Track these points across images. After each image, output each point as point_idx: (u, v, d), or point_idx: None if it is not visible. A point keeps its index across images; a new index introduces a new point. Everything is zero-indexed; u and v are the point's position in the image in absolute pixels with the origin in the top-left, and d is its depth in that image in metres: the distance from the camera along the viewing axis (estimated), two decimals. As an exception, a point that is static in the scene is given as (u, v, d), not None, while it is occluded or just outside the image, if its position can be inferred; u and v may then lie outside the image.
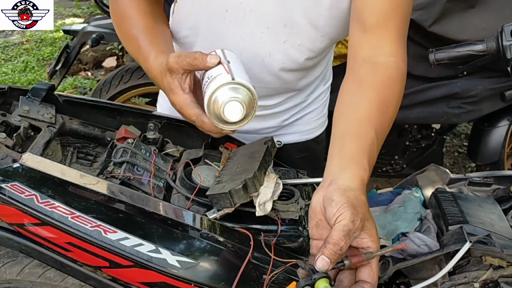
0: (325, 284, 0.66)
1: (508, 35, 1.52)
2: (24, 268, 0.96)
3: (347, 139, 0.80)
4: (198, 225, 0.86)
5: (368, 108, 0.83)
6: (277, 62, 1.04)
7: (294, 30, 0.99)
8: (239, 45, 1.01)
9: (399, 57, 0.90)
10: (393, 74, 0.89)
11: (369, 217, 0.71)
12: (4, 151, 0.90)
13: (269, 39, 1.00)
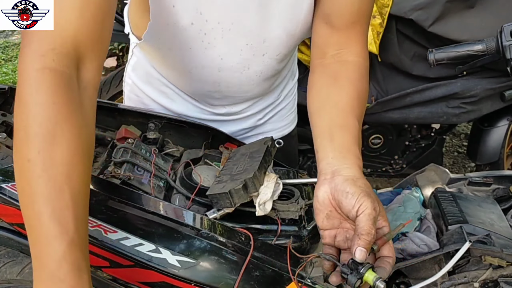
0: (373, 275, 0.71)
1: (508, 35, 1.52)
2: (24, 268, 0.96)
3: (336, 130, 0.83)
4: (198, 225, 0.86)
5: (350, 100, 0.87)
6: (255, 74, 1.06)
7: (274, 43, 1.00)
8: (218, 63, 1.01)
9: (364, 57, 0.95)
10: (361, 71, 0.93)
11: (379, 200, 0.76)
12: (5, 151, 0.90)
13: (248, 55, 1.01)
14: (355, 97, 0.88)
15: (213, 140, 1.14)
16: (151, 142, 1.07)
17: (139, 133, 1.08)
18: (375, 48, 2.00)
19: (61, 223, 0.61)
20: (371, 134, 2.30)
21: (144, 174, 0.96)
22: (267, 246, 0.88)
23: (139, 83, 1.20)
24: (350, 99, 0.87)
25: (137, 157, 0.98)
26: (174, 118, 1.13)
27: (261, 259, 0.85)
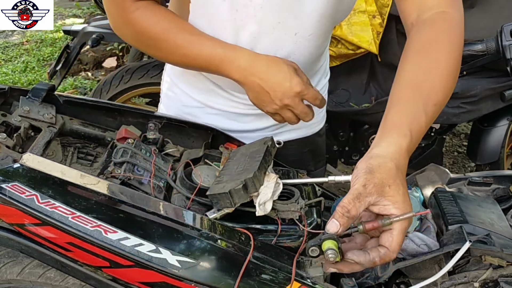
0: (329, 245, 0.67)
1: (508, 35, 1.52)
2: (24, 268, 0.96)
3: (391, 107, 0.80)
4: (198, 225, 0.86)
5: (411, 72, 0.82)
6: (287, 54, 1.05)
7: (305, 22, 1.00)
8: (251, 42, 1.01)
9: (447, 6, 0.88)
10: (439, 25, 0.86)
11: (393, 183, 0.69)
12: (5, 151, 0.90)
13: (280, 33, 1.01)
14: (420, 66, 0.82)
15: (213, 140, 1.14)
16: (151, 142, 1.07)
17: (139, 133, 1.08)
18: (375, 48, 2.00)
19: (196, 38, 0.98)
20: (371, 134, 2.30)
21: (144, 174, 0.96)
22: (267, 246, 0.88)
23: (176, 80, 1.21)
24: (412, 71, 0.82)
25: (137, 157, 0.98)
26: (174, 118, 1.13)
27: (261, 259, 0.85)
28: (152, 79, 2.46)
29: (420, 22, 0.88)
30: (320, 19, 1.01)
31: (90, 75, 4.12)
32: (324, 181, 0.98)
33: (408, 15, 0.91)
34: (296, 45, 1.04)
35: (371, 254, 0.71)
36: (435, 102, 0.81)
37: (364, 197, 0.68)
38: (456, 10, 0.88)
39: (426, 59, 0.83)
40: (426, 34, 0.85)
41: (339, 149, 2.34)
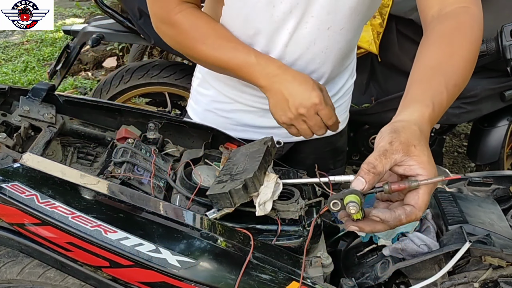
0: (351, 199, 0.66)
1: (508, 35, 1.52)
2: (24, 268, 0.96)
3: (412, 86, 0.82)
4: (198, 225, 0.86)
5: (435, 54, 0.84)
6: (320, 49, 1.07)
7: (337, 16, 1.02)
8: (285, 37, 1.04)
9: (469, 2, 0.90)
10: (461, 18, 0.88)
11: (418, 144, 0.68)
12: (5, 151, 0.90)
13: (313, 28, 1.03)
14: (443, 51, 0.84)
15: (213, 140, 1.14)
16: (151, 142, 1.07)
17: (139, 133, 1.08)
18: (375, 48, 2.00)
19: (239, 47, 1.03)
20: (372, 134, 2.30)
21: (144, 174, 0.96)
22: (267, 246, 0.88)
23: (208, 77, 1.23)
24: (436, 54, 0.84)
25: (137, 157, 0.98)
26: (174, 118, 1.13)
27: (261, 259, 0.85)
28: (152, 79, 2.46)
29: (443, 14, 0.90)
30: (352, 13, 1.03)
31: (90, 75, 4.12)
32: (324, 181, 0.98)
33: (429, 8, 0.92)
34: (329, 39, 1.06)
35: (396, 211, 0.69)
36: (455, 83, 0.82)
37: (390, 154, 0.67)
38: (477, 6, 0.90)
39: (449, 44, 0.85)
40: (449, 24, 0.87)
41: (339, 149, 2.34)
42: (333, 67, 1.15)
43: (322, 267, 0.89)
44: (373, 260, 1.00)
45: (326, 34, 1.05)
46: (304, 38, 1.05)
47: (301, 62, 1.09)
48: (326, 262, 0.90)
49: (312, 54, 1.08)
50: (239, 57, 1.01)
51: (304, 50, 1.07)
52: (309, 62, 1.10)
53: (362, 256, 1.02)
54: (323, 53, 1.08)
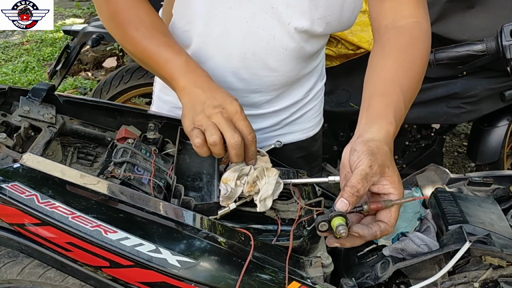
0: (340, 221, 0.71)
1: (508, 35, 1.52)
2: (24, 268, 0.96)
3: (374, 98, 0.85)
4: (198, 225, 0.86)
5: (393, 68, 0.88)
6: (281, 45, 1.04)
7: (296, 11, 0.99)
8: (243, 27, 1.01)
9: (421, 17, 0.94)
10: (415, 33, 0.93)
11: (390, 165, 0.76)
12: (5, 151, 0.90)
13: (273, 21, 1.00)
14: (401, 65, 0.88)
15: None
16: (151, 142, 1.07)
17: (139, 133, 1.08)
18: (375, 48, 2.00)
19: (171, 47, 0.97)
20: (371, 134, 2.30)
21: (144, 174, 0.96)
22: (267, 246, 0.88)
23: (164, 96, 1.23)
24: (393, 67, 0.88)
25: (137, 157, 0.98)
26: (174, 118, 1.13)
27: (261, 259, 0.85)
28: (152, 79, 2.43)
29: (397, 26, 0.94)
30: (311, 10, 1.00)
31: (90, 75, 4.12)
32: (324, 181, 0.98)
33: (383, 18, 0.97)
34: (289, 36, 1.03)
35: (373, 228, 0.75)
36: (410, 98, 0.89)
37: (370, 177, 0.73)
38: (427, 22, 0.96)
39: (405, 60, 0.90)
40: (405, 38, 0.93)
41: (339, 149, 2.34)
42: (295, 71, 1.12)
43: (322, 267, 0.89)
44: (373, 260, 1.00)
45: (286, 30, 1.01)
46: (263, 30, 1.01)
47: (261, 57, 1.05)
48: (326, 262, 0.90)
49: (272, 49, 1.04)
50: (168, 53, 0.95)
51: (264, 44, 1.03)
52: (268, 57, 1.05)
53: (362, 256, 1.02)
54: (284, 50, 1.04)
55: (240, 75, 1.09)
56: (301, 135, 1.29)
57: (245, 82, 1.11)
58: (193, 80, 0.93)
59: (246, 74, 1.09)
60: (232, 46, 1.04)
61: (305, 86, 1.21)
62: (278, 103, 1.19)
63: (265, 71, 1.09)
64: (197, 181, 0.99)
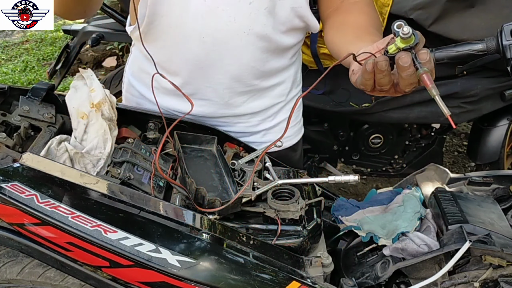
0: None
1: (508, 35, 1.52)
2: (24, 267, 0.96)
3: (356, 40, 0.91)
4: (198, 225, 0.86)
5: (366, 19, 0.99)
6: (243, 29, 1.00)
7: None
8: (200, 7, 0.98)
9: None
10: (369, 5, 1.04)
11: None
12: (4, 151, 0.90)
13: (233, 0, 0.98)
14: (372, 19, 0.99)
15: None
16: (151, 142, 1.07)
17: (139, 133, 1.08)
18: (375, 48, 2.00)
19: None
20: (371, 133, 2.30)
21: (144, 174, 0.96)
22: (267, 246, 0.88)
23: (133, 81, 1.20)
24: (368, 21, 0.98)
25: (137, 157, 0.98)
26: (174, 118, 1.13)
27: (261, 259, 0.85)
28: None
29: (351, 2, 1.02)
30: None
31: (90, 74, 4.11)
32: (324, 181, 0.98)
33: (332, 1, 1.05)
34: (251, 18, 1.00)
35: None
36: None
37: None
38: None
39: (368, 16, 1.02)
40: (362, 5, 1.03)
41: (339, 149, 2.34)
42: (261, 56, 1.07)
43: (322, 266, 0.89)
44: (373, 259, 1.00)
45: (248, 10, 0.98)
46: (222, 10, 0.98)
47: (221, 41, 1.01)
48: (326, 261, 0.90)
49: (233, 32, 1.00)
50: None
51: (224, 26, 0.99)
52: (229, 41, 1.02)
53: (362, 255, 1.02)
54: (245, 34, 1.00)
55: (201, 62, 1.05)
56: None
57: (206, 70, 1.07)
58: None
59: (206, 60, 1.05)
60: (191, 28, 1.00)
61: (276, 90, 1.17)
62: (249, 105, 1.15)
63: (227, 58, 1.04)
64: (210, 181, 0.98)
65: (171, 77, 1.05)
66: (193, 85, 1.09)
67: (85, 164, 0.95)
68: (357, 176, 0.95)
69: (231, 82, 1.09)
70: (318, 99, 2.12)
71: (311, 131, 2.21)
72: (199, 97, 1.11)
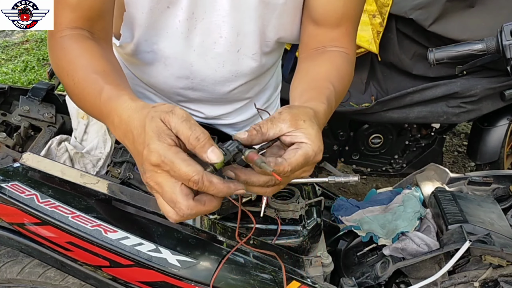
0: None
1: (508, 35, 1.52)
2: (24, 267, 0.96)
3: (306, 91, 0.84)
4: (198, 225, 0.86)
5: (327, 71, 0.90)
6: (230, 73, 1.03)
7: (248, 39, 0.98)
8: (191, 56, 0.99)
9: (349, 50, 0.97)
10: (344, 57, 0.95)
11: (307, 119, 0.69)
12: (5, 150, 0.90)
13: (222, 49, 0.99)
14: (334, 69, 0.90)
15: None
16: (151, 142, 1.07)
17: (139, 132, 1.08)
18: (375, 48, 2.00)
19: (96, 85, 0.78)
20: (371, 133, 2.30)
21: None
22: (267, 246, 0.88)
23: None
24: (327, 70, 0.90)
25: (137, 156, 0.98)
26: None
27: (261, 259, 0.85)
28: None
29: (328, 51, 0.96)
30: (261, 38, 0.99)
31: (90, 74, 4.11)
32: (324, 181, 0.98)
33: (315, 42, 0.98)
34: (239, 63, 1.02)
35: (268, 158, 0.67)
36: (339, 99, 0.90)
37: (277, 121, 0.68)
38: (354, 55, 0.99)
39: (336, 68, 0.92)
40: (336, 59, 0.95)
41: (339, 149, 2.34)
42: (248, 86, 1.10)
43: (322, 266, 0.89)
44: (373, 259, 1.00)
45: (236, 57, 1.00)
46: (212, 58, 0.99)
47: (209, 83, 1.04)
48: (326, 261, 0.90)
49: (220, 76, 1.02)
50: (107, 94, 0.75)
51: (212, 71, 1.01)
52: (216, 83, 1.04)
53: (362, 255, 1.02)
54: (233, 76, 1.03)
55: (186, 91, 1.07)
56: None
57: (192, 93, 1.08)
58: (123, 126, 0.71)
59: (192, 90, 1.07)
60: (179, 70, 1.02)
61: (258, 101, 1.19)
62: (230, 118, 1.17)
63: (214, 94, 1.07)
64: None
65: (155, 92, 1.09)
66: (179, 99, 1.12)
67: (85, 164, 0.95)
68: (358, 177, 0.96)
69: (220, 102, 1.12)
70: (318, 99, 2.11)
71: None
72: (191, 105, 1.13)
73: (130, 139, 0.68)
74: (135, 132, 0.67)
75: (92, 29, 0.87)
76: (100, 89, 0.75)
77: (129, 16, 0.94)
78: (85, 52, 0.83)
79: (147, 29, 0.95)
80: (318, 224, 0.94)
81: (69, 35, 0.84)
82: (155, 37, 0.97)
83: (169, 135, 0.64)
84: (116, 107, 0.71)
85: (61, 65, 0.84)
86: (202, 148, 0.63)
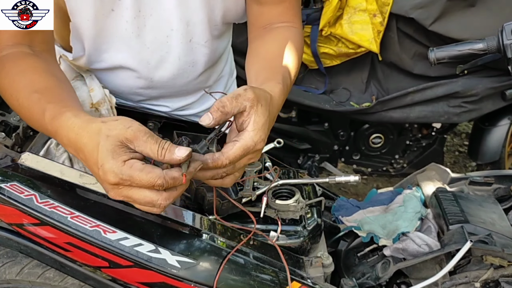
0: None
1: (509, 34, 1.52)
2: (23, 268, 0.96)
3: (261, 71, 0.88)
4: (198, 225, 0.86)
5: (278, 48, 0.92)
6: (186, 64, 1.03)
7: (197, 27, 0.99)
8: (146, 53, 0.99)
9: (295, 23, 1.01)
10: (291, 31, 0.98)
11: (264, 104, 0.72)
12: (3, 150, 0.90)
13: (176, 42, 0.99)
14: (285, 47, 0.92)
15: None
16: (150, 142, 1.07)
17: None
18: (375, 47, 2.00)
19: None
20: (372, 133, 2.30)
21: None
22: (267, 246, 0.87)
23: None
24: (279, 50, 0.92)
25: (136, 156, 0.97)
26: (174, 118, 1.13)
27: (261, 259, 0.85)
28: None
29: (275, 27, 0.99)
30: (211, 25, 1.00)
31: (90, 74, 4.11)
32: (324, 181, 0.98)
33: (261, 21, 1.00)
34: (194, 52, 1.02)
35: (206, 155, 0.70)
36: (294, 76, 0.92)
37: (242, 99, 0.70)
38: (301, 28, 1.03)
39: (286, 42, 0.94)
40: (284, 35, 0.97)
41: (339, 149, 2.34)
42: (206, 79, 1.12)
43: (322, 267, 0.89)
44: (373, 260, 1.00)
45: (189, 47, 1.01)
46: (166, 52, 1.00)
47: (169, 79, 1.04)
48: (326, 262, 0.89)
49: (178, 70, 1.03)
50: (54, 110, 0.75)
51: (169, 65, 1.02)
52: (176, 78, 1.05)
53: (362, 256, 1.02)
54: (190, 67, 1.04)
55: (146, 90, 1.08)
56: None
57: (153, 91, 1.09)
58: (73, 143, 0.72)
59: (154, 92, 1.08)
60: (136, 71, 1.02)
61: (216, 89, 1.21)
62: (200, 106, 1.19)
63: (175, 88, 1.08)
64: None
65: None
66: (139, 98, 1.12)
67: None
68: (358, 176, 0.95)
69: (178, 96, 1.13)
70: (319, 98, 2.11)
71: (311, 130, 2.21)
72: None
73: (82, 158, 0.70)
74: (86, 150, 0.68)
75: (32, 43, 0.86)
76: (43, 109, 0.75)
77: (75, 27, 0.94)
78: (26, 70, 0.81)
79: (96, 37, 0.96)
80: (318, 224, 0.94)
81: (9, 53, 0.83)
82: (106, 44, 0.97)
83: (125, 151, 0.65)
84: (61, 125, 0.71)
85: (3, 86, 0.82)
86: (170, 152, 0.65)
